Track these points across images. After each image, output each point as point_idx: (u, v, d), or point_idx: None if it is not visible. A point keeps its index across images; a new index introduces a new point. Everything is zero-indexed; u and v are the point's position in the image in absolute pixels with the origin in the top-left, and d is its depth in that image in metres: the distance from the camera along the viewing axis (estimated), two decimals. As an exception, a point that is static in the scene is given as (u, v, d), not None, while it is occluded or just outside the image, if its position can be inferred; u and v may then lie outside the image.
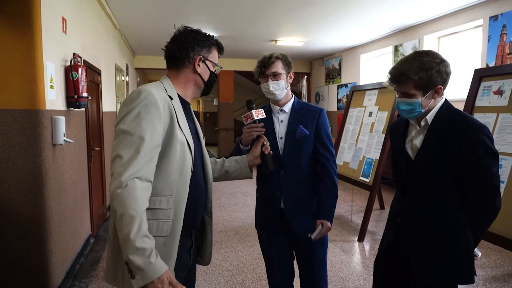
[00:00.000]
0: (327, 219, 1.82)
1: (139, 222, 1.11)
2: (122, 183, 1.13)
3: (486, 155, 1.37)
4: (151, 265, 1.11)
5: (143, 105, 1.21)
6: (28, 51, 2.40)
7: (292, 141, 1.81)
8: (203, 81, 1.46)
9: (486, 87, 2.77)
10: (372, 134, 4.16)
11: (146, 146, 1.18)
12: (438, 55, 1.43)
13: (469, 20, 4.93)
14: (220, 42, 1.52)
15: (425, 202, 1.50)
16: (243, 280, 2.98)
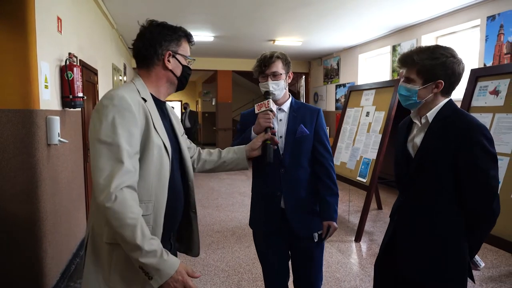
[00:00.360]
0: (332, 219, 1.81)
1: (140, 227, 1.11)
2: (111, 195, 1.09)
3: (483, 156, 1.33)
4: (166, 262, 1.13)
5: (117, 111, 1.15)
6: (22, 51, 2.39)
7: (293, 140, 1.81)
8: (176, 76, 1.39)
9: (482, 87, 2.76)
10: (369, 134, 4.15)
11: (126, 154, 1.14)
12: (453, 52, 1.41)
13: (467, 20, 4.93)
14: (189, 33, 1.43)
15: (421, 202, 1.48)
16: (238, 280, 2.97)
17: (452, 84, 1.43)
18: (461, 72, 1.43)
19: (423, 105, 1.47)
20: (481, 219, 1.40)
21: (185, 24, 5.89)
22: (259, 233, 1.96)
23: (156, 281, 1.13)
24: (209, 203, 5.42)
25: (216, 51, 8.37)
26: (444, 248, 1.42)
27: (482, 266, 1.52)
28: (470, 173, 1.35)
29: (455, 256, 1.42)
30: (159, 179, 1.26)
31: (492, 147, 1.35)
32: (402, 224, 1.57)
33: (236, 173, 8.03)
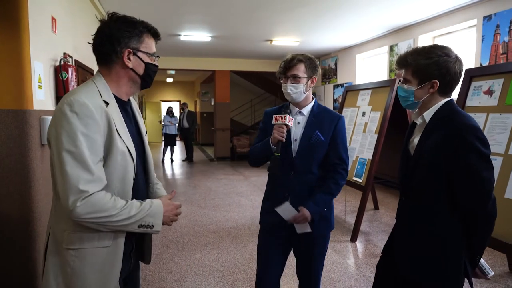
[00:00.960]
0: (310, 210, 1.77)
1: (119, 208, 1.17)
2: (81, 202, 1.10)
3: (475, 157, 1.30)
4: (151, 208, 1.24)
5: (78, 119, 1.11)
6: (15, 51, 2.38)
7: (307, 145, 1.81)
8: (138, 75, 1.30)
9: (476, 87, 2.76)
10: (365, 134, 4.15)
11: (91, 162, 1.12)
12: (448, 51, 1.40)
13: (463, 20, 4.94)
14: (152, 27, 1.33)
15: (419, 202, 1.47)
16: (233, 281, 2.97)
17: (449, 83, 1.41)
18: (458, 71, 1.40)
19: (423, 105, 1.47)
20: (477, 222, 1.37)
21: (181, 24, 5.95)
22: (264, 226, 1.99)
23: (158, 225, 1.25)
24: (205, 203, 5.42)
25: (214, 51, 8.37)
26: (441, 248, 1.41)
27: (491, 274, 1.47)
28: (462, 175, 1.33)
29: (452, 257, 1.40)
30: (123, 185, 1.24)
31: (486, 148, 1.32)
32: (401, 224, 1.57)
33: (234, 173, 8.03)
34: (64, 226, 1.20)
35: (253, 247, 3.63)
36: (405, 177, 1.52)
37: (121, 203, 1.18)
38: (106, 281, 1.24)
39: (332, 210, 1.97)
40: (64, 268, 1.19)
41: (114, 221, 1.15)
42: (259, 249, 2.00)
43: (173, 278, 2.99)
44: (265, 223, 1.97)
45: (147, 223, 1.22)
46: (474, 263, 1.43)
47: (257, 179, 7.27)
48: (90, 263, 1.20)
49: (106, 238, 1.22)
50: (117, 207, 1.16)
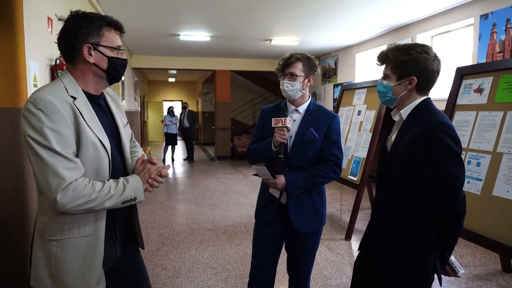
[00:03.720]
0: (287, 180, 1.81)
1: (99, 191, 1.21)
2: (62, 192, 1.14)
3: (445, 155, 1.31)
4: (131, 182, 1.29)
5: (44, 115, 1.14)
6: (10, 50, 2.43)
7: (301, 142, 1.87)
8: (102, 70, 1.29)
9: (467, 85, 2.77)
10: (360, 133, 4.17)
11: (63, 156, 1.15)
12: (428, 49, 1.42)
13: (461, 18, 4.93)
14: (112, 20, 1.30)
15: (390, 198, 1.49)
16: (226, 277, 3.00)
17: (426, 81, 1.42)
18: (435, 69, 1.41)
19: (400, 102, 1.49)
20: (446, 219, 1.38)
21: (180, 24, 5.99)
22: (258, 221, 2.04)
23: (140, 196, 1.30)
24: (203, 202, 5.46)
25: (214, 51, 8.41)
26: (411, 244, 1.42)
27: (461, 272, 1.48)
28: (431, 172, 1.34)
29: (421, 253, 1.41)
30: (97, 176, 1.27)
31: (457, 146, 1.32)
32: (375, 219, 1.59)
33: (234, 173, 8.06)
34: (45, 218, 1.25)
35: (247, 244, 3.66)
36: (381, 173, 1.54)
37: (98, 185, 1.22)
38: (90, 269, 1.27)
39: (324, 206, 2.01)
40: (49, 259, 1.23)
41: (97, 203, 1.20)
42: (254, 241, 2.06)
43: (167, 275, 3.03)
44: (260, 218, 2.02)
45: (129, 197, 1.27)
46: (444, 260, 1.45)
47: (256, 178, 7.29)
48: (73, 252, 1.24)
49: (86, 228, 1.26)
50: (96, 190, 1.20)
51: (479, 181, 2.44)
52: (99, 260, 1.30)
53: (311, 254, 1.99)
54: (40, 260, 1.25)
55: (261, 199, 2.05)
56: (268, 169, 1.85)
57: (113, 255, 1.42)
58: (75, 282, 1.25)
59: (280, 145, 1.83)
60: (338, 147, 1.90)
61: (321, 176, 1.86)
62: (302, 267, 1.99)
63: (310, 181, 1.85)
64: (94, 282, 1.28)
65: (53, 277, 1.24)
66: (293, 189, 1.84)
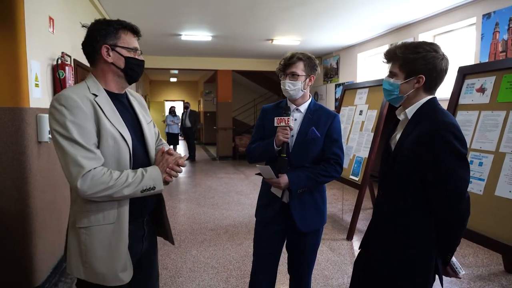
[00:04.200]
0: (290, 179, 1.82)
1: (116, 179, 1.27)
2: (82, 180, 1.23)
3: (450, 155, 1.29)
4: (147, 173, 1.33)
5: (67, 110, 1.25)
6: (11, 50, 2.44)
7: (303, 141, 1.87)
8: (120, 69, 1.40)
9: (469, 85, 2.76)
10: (362, 133, 4.16)
11: (83, 146, 1.25)
12: (436, 48, 1.40)
13: (463, 18, 4.91)
14: (128, 24, 1.41)
15: (393, 198, 1.48)
16: (227, 277, 3.00)
17: (434, 80, 1.41)
18: (444, 68, 1.40)
19: (406, 101, 1.47)
20: (449, 221, 1.36)
21: (181, 24, 5.99)
22: (259, 220, 2.05)
23: (159, 185, 1.35)
24: (205, 202, 5.46)
25: (215, 51, 8.41)
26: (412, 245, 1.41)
27: (462, 273, 1.47)
28: (435, 173, 1.32)
29: (422, 254, 1.40)
30: (118, 166, 1.34)
31: (463, 146, 1.31)
32: (377, 219, 1.58)
33: (235, 172, 8.06)
34: (75, 208, 1.36)
35: (249, 244, 3.66)
36: (384, 172, 1.53)
37: (116, 174, 1.28)
38: (115, 255, 1.35)
39: (325, 205, 2.00)
40: (80, 246, 1.34)
41: (116, 191, 1.26)
42: (255, 240, 2.06)
43: (168, 274, 3.03)
44: (261, 217, 2.03)
45: (147, 186, 1.32)
46: (445, 261, 1.44)
47: (257, 178, 7.28)
48: (99, 239, 1.33)
49: (110, 215, 1.34)
50: (114, 177, 1.26)
51: (481, 181, 2.43)
52: (123, 247, 1.36)
53: (312, 253, 1.99)
54: (73, 247, 1.35)
55: (262, 198, 2.05)
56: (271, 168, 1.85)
57: (139, 248, 1.49)
58: (102, 267, 1.33)
59: (283, 144, 1.84)
60: (339, 146, 1.91)
61: (323, 175, 1.86)
62: (303, 266, 1.98)
63: (313, 180, 1.85)
64: (120, 268, 1.35)
65: (84, 263, 1.33)
66: (296, 188, 1.84)
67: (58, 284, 2.87)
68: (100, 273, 1.33)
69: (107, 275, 1.33)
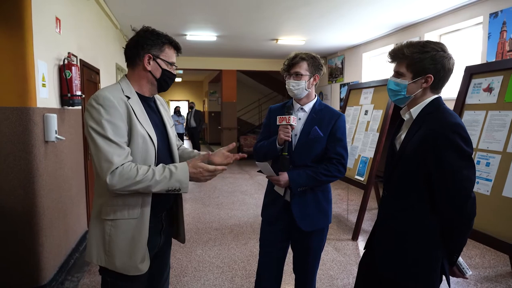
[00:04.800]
0: (290, 178, 1.82)
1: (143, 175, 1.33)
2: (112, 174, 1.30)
3: (456, 155, 1.28)
4: (175, 174, 1.37)
5: (104, 109, 1.34)
6: (19, 50, 2.46)
7: (306, 140, 1.88)
8: (155, 78, 1.51)
9: (476, 84, 2.74)
10: (367, 133, 4.14)
11: (115, 143, 1.33)
12: (443, 47, 1.39)
13: (470, 17, 4.87)
14: (174, 40, 1.54)
15: (397, 198, 1.47)
16: (232, 277, 3.00)
17: (442, 80, 1.40)
18: (451, 67, 1.39)
19: (412, 101, 1.45)
20: (455, 222, 1.34)
21: (186, 24, 6.00)
22: (264, 219, 2.06)
23: (184, 188, 1.39)
24: (210, 201, 5.47)
25: (220, 51, 8.42)
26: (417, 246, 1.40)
27: (469, 274, 1.45)
28: (441, 173, 1.31)
29: (428, 255, 1.39)
30: (144, 164, 1.41)
31: (468, 146, 1.29)
32: (381, 219, 1.58)
33: (240, 172, 8.07)
34: (101, 200, 1.44)
35: (254, 244, 3.66)
36: (389, 173, 1.52)
37: (143, 170, 1.34)
38: (135, 247, 1.43)
39: (330, 205, 2.00)
40: (103, 235, 1.42)
41: (143, 186, 1.33)
42: (260, 239, 2.07)
43: (173, 274, 3.04)
44: (266, 216, 2.04)
45: (173, 187, 1.37)
46: (452, 261, 1.42)
47: (262, 178, 7.28)
48: (123, 232, 1.41)
49: (135, 211, 1.42)
50: (140, 173, 1.33)
51: (488, 181, 2.41)
52: (143, 240, 1.44)
53: (316, 252, 1.99)
54: (96, 236, 1.44)
55: (267, 196, 2.07)
56: (272, 166, 1.85)
57: (157, 242, 1.58)
58: (123, 257, 1.42)
59: (285, 142, 1.85)
60: (343, 146, 1.90)
61: (325, 175, 1.85)
62: (307, 266, 1.98)
63: (314, 179, 1.84)
64: (139, 259, 1.43)
65: (106, 251, 1.42)
66: (296, 186, 1.84)
67: (65, 282, 2.89)
68: (121, 263, 1.41)
69: (127, 265, 1.42)
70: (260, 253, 2.05)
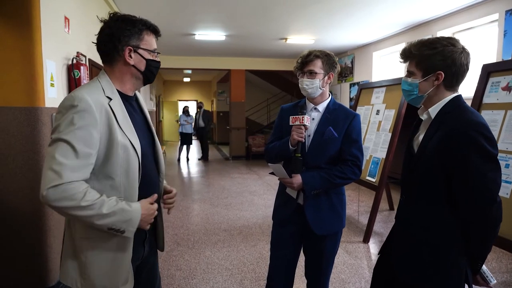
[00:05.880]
0: (303, 180, 1.75)
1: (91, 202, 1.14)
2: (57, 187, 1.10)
3: (480, 157, 1.20)
4: (127, 213, 1.20)
5: (76, 113, 1.15)
6: (27, 49, 2.44)
7: (319, 141, 1.82)
8: (140, 71, 1.34)
9: (494, 83, 2.64)
10: (379, 133, 4.05)
11: (78, 155, 1.14)
12: (454, 41, 1.32)
13: (485, 14, 4.75)
14: (151, 24, 1.34)
15: (416, 202, 1.40)
16: (241, 279, 2.95)
17: (455, 76, 1.32)
18: (464, 62, 1.31)
19: (429, 100, 1.39)
20: (478, 228, 1.27)
21: (195, 23, 5.98)
22: (275, 222, 2.00)
23: (130, 232, 1.21)
24: (218, 202, 5.43)
25: (229, 50, 8.38)
26: (439, 252, 1.34)
27: (493, 282, 1.37)
28: (463, 175, 1.24)
29: (450, 262, 1.32)
30: (127, 177, 1.26)
31: (493, 147, 1.22)
32: (400, 224, 1.51)
33: (248, 172, 8.02)
34: None
35: (263, 246, 3.61)
36: (406, 176, 1.46)
37: (92, 196, 1.15)
38: (118, 268, 1.27)
39: (344, 208, 1.94)
40: (79, 256, 1.24)
41: (84, 215, 1.13)
42: (271, 242, 2.01)
43: (182, 276, 3.00)
44: (277, 218, 1.98)
45: (118, 227, 1.19)
46: (475, 269, 1.34)
47: (271, 178, 7.22)
48: (103, 250, 1.24)
49: None
50: (87, 199, 1.13)
51: (508, 183, 2.31)
52: (127, 259, 1.29)
53: (330, 257, 1.92)
54: (71, 257, 1.26)
55: (279, 198, 2.00)
56: (285, 168, 1.79)
57: (140, 253, 1.41)
58: (103, 280, 1.25)
59: (298, 143, 1.78)
60: (358, 147, 1.83)
61: (339, 177, 1.78)
62: (320, 271, 1.92)
63: (328, 182, 1.78)
64: (122, 281, 1.28)
65: (83, 274, 1.24)
66: (310, 189, 1.77)
67: (73, 283, 2.87)
68: (101, 286, 1.24)
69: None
70: (271, 256, 1.99)
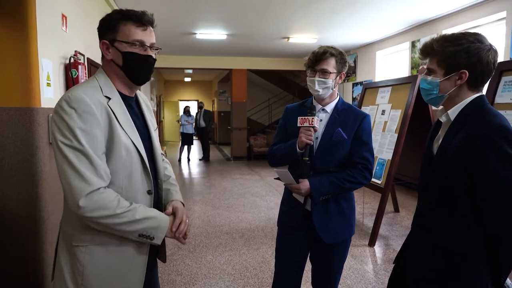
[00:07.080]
0: (312, 185, 1.66)
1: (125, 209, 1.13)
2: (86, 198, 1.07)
3: (502, 163, 1.12)
4: (157, 219, 1.20)
5: (77, 114, 1.08)
6: (22, 48, 2.35)
7: (328, 143, 1.72)
8: (119, 66, 1.22)
9: (507, 82, 2.55)
10: (384, 134, 3.96)
11: (93, 160, 1.09)
12: (482, 38, 1.22)
13: (492, 12, 4.66)
14: (128, 12, 1.23)
15: (434, 210, 1.31)
16: (244, 285, 2.86)
17: (480, 75, 1.23)
18: (491, 60, 1.21)
19: (449, 101, 1.29)
20: (503, 238, 1.18)
21: (196, 22, 5.89)
22: (280, 228, 1.90)
23: (158, 238, 1.20)
24: (220, 204, 5.34)
25: (230, 50, 8.29)
26: (458, 263, 1.24)
27: None
28: (485, 182, 1.15)
29: (470, 274, 1.23)
30: (130, 181, 1.21)
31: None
32: (416, 232, 1.42)
33: (250, 173, 7.93)
34: (72, 223, 1.19)
35: (266, 249, 3.52)
36: (424, 180, 1.36)
37: (124, 202, 1.14)
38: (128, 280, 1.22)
39: (354, 214, 1.84)
40: (75, 265, 1.18)
41: (118, 222, 1.11)
42: (277, 250, 1.91)
43: (183, 281, 2.91)
44: (283, 225, 1.88)
45: (148, 233, 1.18)
46: (498, 284, 1.24)
47: (273, 179, 7.14)
48: (103, 261, 1.18)
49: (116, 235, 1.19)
50: (121, 206, 1.12)
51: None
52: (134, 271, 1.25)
53: (338, 266, 1.82)
54: (65, 266, 1.20)
55: (284, 204, 1.90)
56: (291, 172, 1.69)
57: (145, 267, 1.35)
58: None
59: (306, 146, 1.68)
60: (369, 150, 1.73)
61: (349, 181, 1.69)
62: (329, 281, 1.82)
63: (337, 187, 1.68)
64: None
65: (79, 285, 1.18)
66: (319, 195, 1.67)
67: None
68: None
69: None
70: (276, 264, 1.90)
